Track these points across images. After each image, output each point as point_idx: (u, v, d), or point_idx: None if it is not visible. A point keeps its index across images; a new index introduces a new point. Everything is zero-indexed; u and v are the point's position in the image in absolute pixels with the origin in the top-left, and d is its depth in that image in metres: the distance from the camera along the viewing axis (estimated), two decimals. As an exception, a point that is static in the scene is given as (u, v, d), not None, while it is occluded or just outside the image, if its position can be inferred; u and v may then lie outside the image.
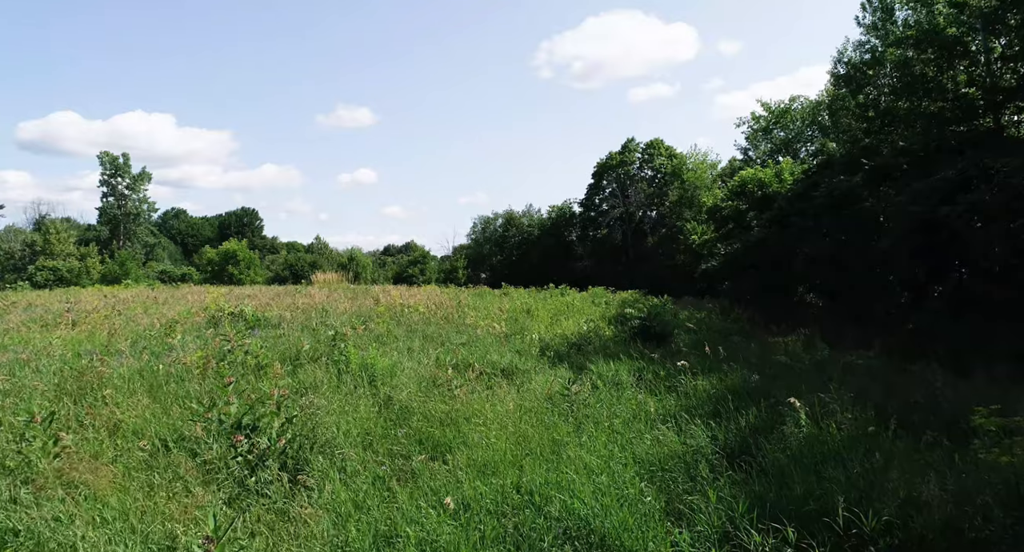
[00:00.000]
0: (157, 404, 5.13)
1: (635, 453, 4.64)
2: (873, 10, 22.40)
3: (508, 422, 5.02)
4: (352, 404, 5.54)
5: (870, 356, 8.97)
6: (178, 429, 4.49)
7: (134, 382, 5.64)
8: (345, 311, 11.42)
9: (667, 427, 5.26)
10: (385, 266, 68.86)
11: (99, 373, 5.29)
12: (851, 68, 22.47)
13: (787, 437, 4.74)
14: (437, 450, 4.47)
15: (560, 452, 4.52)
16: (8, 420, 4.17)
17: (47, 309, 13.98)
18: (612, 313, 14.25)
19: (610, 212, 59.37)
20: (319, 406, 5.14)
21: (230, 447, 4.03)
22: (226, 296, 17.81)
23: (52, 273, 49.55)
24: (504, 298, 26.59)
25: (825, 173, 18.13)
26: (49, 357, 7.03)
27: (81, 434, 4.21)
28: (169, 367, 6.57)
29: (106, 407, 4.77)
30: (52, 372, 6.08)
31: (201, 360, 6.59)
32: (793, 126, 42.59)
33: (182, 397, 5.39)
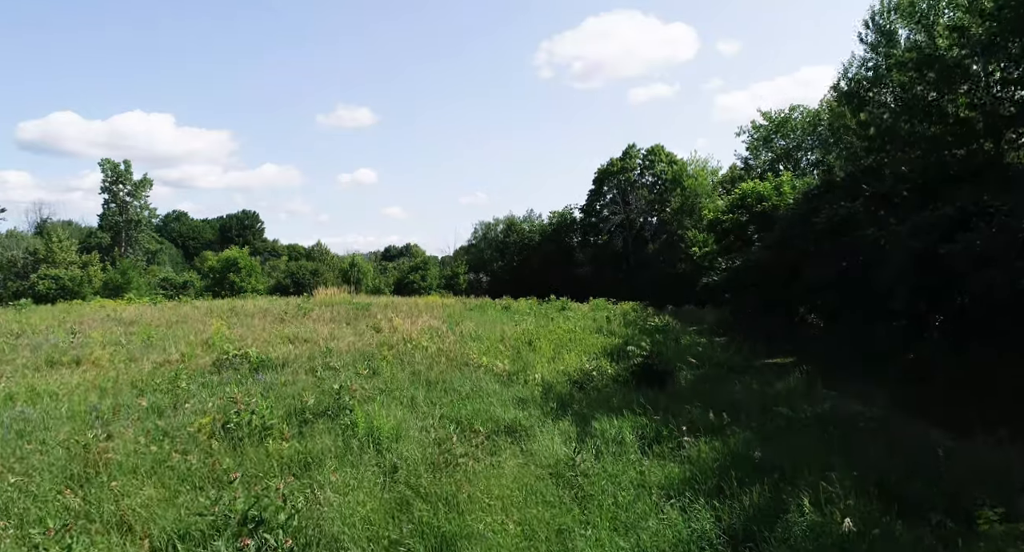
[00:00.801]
0: (164, 488, 5.17)
1: (640, 541, 4.68)
2: (876, 30, 22.40)
3: (513, 506, 5.06)
4: (357, 478, 5.58)
5: (871, 410, 8.99)
6: (184, 523, 4.54)
7: (140, 460, 5.68)
8: (348, 348, 11.45)
9: (671, 505, 5.30)
10: (386, 272, 68.93)
11: (106, 459, 5.33)
12: (853, 84, 22.48)
13: (791, 526, 4.78)
14: (441, 544, 4.50)
15: (565, 543, 4.56)
16: (23, 532, 4.21)
17: (52, 341, 14.01)
18: (615, 343, 14.28)
19: (611, 219, 59.46)
20: (324, 488, 5.17)
21: (237, 551, 4.08)
22: (227, 323, 17.84)
23: (54, 282, 49.61)
24: (506, 314, 26.62)
25: (825, 197, 18.17)
26: (55, 419, 7.07)
27: (89, 538, 4.25)
28: (176, 433, 6.62)
29: (113, 500, 4.82)
30: (58, 443, 6.12)
31: (208, 425, 6.64)
32: (793, 135, 42.60)
33: (188, 478, 5.44)
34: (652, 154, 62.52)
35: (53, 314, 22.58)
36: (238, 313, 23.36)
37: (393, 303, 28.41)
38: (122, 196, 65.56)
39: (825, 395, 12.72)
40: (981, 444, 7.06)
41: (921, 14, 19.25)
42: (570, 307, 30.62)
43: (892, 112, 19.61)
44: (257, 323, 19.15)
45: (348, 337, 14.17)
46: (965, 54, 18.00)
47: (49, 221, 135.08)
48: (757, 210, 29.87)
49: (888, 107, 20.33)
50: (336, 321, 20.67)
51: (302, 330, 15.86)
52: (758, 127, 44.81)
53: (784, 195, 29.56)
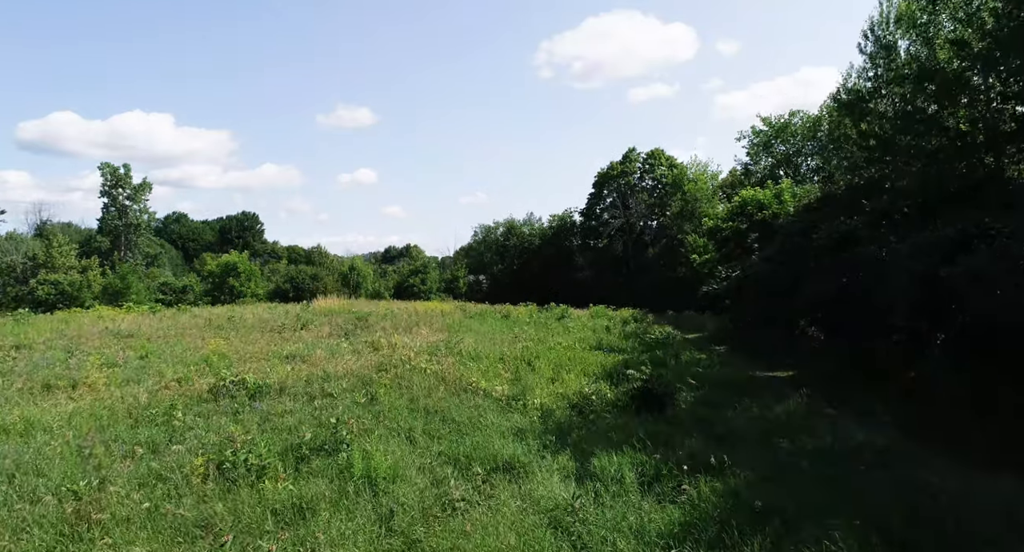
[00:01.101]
0: (157, 543, 5.10)
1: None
2: (875, 41, 22.32)
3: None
4: (352, 528, 5.52)
5: (874, 437, 8.91)
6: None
7: (133, 510, 5.60)
8: (346, 371, 11.38)
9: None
10: (386, 276, 68.84)
11: (98, 516, 5.26)
12: (852, 95, 22.42)
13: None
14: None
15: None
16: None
17: (48, 360, 13.95)
18: (615, 361, 14.21)
19: (611, 223, 59.43)
20: (318, 541, 5.11)
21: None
22: (225, 337, 17.79)
23: (54, 287, 49.61)
24: (505, 324, 26.55)
25: (825, 211, 18.10)
26: (47, 460, 6.99)
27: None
28: (170, 476, 6.55)
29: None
30: (50, 490, 6.05)
31: (202, 466, 6.58)
32: (794, 141, 42.53)
33: (182, 528, 5.37)
34: (652, 158, 62.51)
35: (51, 325, 22.52)
36: (236, 324, 23.29)
37: (392, 312, 28.33)
38: (121, 200, 65.50)
39: (825, 415, 12.69)
40: (987, 475, 7.00)
41: (921, 27, 19.17)
42: (569, 315, 30.55)
43: (892, 124, 19.55)
44: (255, 338, 19.08)
45: (346, 356, 14.09)
46: (966, 67, 17.95)
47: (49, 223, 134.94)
48: (757, 218, 29.80)
49: (888, 118, 20.27)
50: (335, 334, 20.60)
51: (300, 348, 15.79)
52: (758, 133, 44.76)
53: (784, 203, 29.50)
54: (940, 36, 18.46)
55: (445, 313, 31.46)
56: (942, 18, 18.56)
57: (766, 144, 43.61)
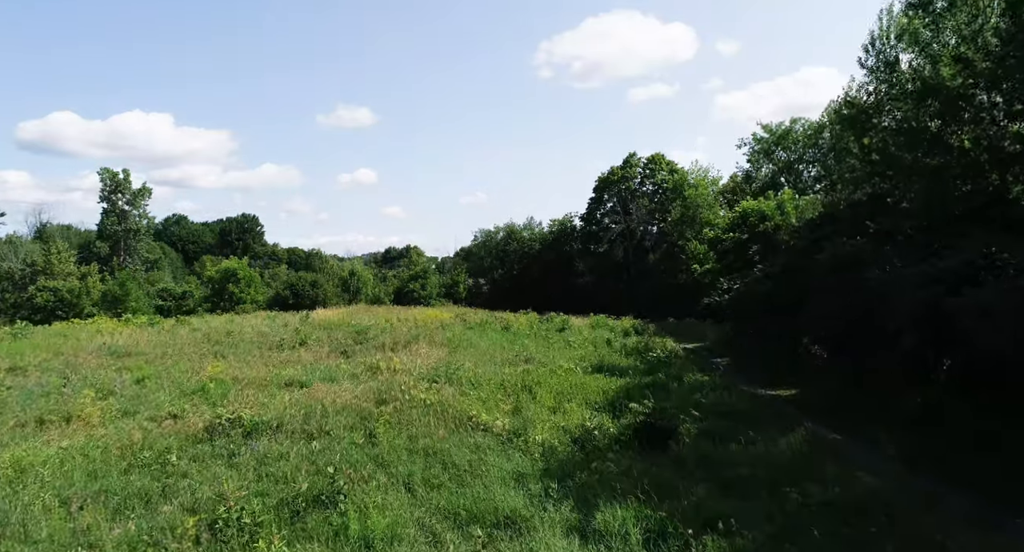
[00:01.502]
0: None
1: None
2: (876, 55, 22.14)
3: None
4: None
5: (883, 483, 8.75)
6: None
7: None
8: (344, 406, 11.21)
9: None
10: (386, 280, 68.65)
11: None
12: (855, 109, 22.23)
13: None
14: None
15: None
16: None
17: (44, 385, 13.80)
18: (617, 387, 14.04)
19: (612, 228, 59.26)
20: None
21: None
22: (223, 355, 17.64)
23: (53, 294, 49.48)
24: (505, 337, 26.36)
25: (828, 229, 17.94)
26: (34, 519, 6.81)
27: None
28: (160, 537, 6.38)
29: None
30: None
31: (194, 528, 6.41)
32: (795, 148, 42.37)
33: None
34: (653, 163, 62.38)
35: (48, 343, 22.35)
36: (235, 340, 23.13)
37: (391, 325, 28.15)
38: (121, 205, 65.34)
39: (830, 446, 12.52)
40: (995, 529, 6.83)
41: (925, 42, 18.99)
42: (570, 326, 30.37)
43: (895, 140, 19.37)
44: (254, 357, 18.93)
45: (344, 383, 13.94)
46: (970, 84, 17.78)
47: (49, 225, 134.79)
48: (759, 230, 29.64)
49: (891, 133, 20.08)
50: (334, 353, 20.45)
51: (299, 372, 15.64)
52: (759, 139, 44.63)
53: (787, 214, 29.34)
54: (944, 53, 18.26)
55: (445, 324, 31.26)
56: (946, 34, 18.39)
57: (767, 151, 43.47)
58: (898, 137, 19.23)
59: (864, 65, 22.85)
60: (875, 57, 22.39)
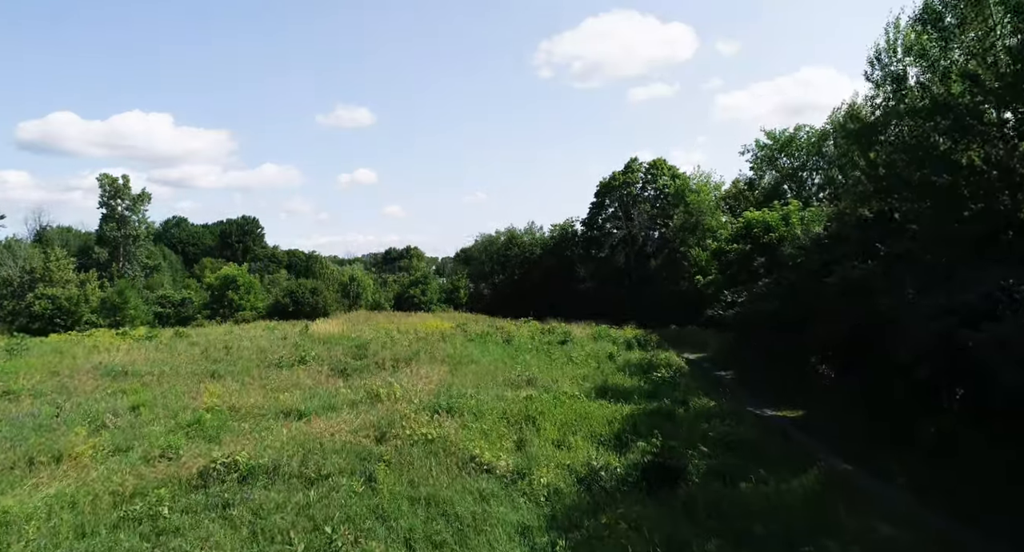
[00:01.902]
0: None
1: None
2: (882, 69, 21.79)
3: None
4: None
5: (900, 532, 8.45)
6: None
7: None
8: (343, 445, 10.89)
9: None
10: (386, 286, 68.38)
11: None
12: (860, 124, 21.91)
13: None
14: None
15: None
16: None
17: (36, 416, 13.50)
18: (624, 415, 13.74)
19: (613, 234, 58.92)
20: None
21: None
22: (220, 375, 17.36)
23: (51, 302, 49.20)
24: (507, 351, 26.07)
25: (836, 249, 17.62)
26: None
27: None
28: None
29: None
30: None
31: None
32: (799, 155, 42.02)
33: None
34: (655, 168, 62.07)
35: (44, 362, 22.06)
36: (233, 357, 22.86)
37: (392, 338, 27.86)
38: (120, 211, 65.02)
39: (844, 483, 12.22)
40: None
41: (933, 58, 18.65)
42: (572, 339, 30.05)
43: (902, 157, 19.02)
44: (252, 378, 18.65)
45: (344, 412, 13.66)
46: (979, 102, 17.44)
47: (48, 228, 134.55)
48: (764, 241, 29.32)
49: (898, 148, 19.73)
50: (333, 373, 20.17)
51: (297, 399, 15.34)
52: (763, 146, 44.27)
53: (792, 225, 29.03)
54: (954, 70, 17.91)
55: (446, 335, 30.97)
56: (955, 51, 18.04)
57: (770, 158, 43.12)
58: (905, 153, 18.90)
59: (870, 78, 22.51)
60: (881, 71, 22.06)
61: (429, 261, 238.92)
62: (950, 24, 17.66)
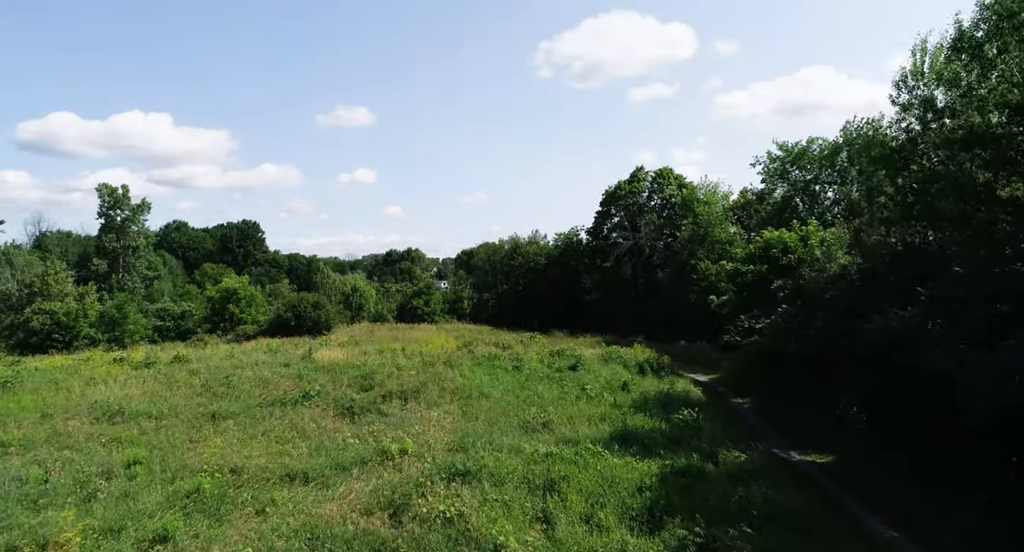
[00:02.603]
0: None
1: None
2: (910, 92, 20.91)
3: None
4: None
5: None
6: None
7: None
8: (355, 534, 9.97)
9: None
10: (389, 295, 67.52)
11: None
12: (887, 149, 21.02)
13: None
14: None
15: None
16: None
17: (20, 481, 12.62)
18: (652, 477, 12.86)
19: (619, 244, 58.05)
20: None
21: None
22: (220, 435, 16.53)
23: (49, 317, 48.51)
24: (516, 379, 25.20)
25: (871, 289, 16.72)
26: None
27: None
28: None
29: None
30: None
31: None
32: (811, 167, 41.14)
33: None
34: (661, 177, 61.26)
35: (39, 397, 21.22)
36: (235, 392, 22.03)
37: (398, 365, 26.95)
38: (119, 221, 64.21)
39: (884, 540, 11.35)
40: None
41: (968, 86, 17.77)
42: (582, 363, 29.11)
43: (935, 187, 18.09)
44: (254, 423, 17.81)
45: (354, 478, 12.78)
46: (1021, 131, 16.57)
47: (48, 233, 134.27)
48: (783, 263, 28.47)
49: (929, 177, 18.81)
50: (339, 411, 19.37)
51: (301, 456, 14.46)
52: (774, 158, 43.42)
53: (811, 247, 28.18)
54: (991, 98, 16.98)
55: (452, 359, 30.19)
56: (992, 79, 17.14)
57: (782, 172, 42.27)
58: (938, 183, 18.00)
59: (896, 102, 21.66)
60: (908, 94, 21.22)
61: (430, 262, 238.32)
62: (991, 53, 16.75)
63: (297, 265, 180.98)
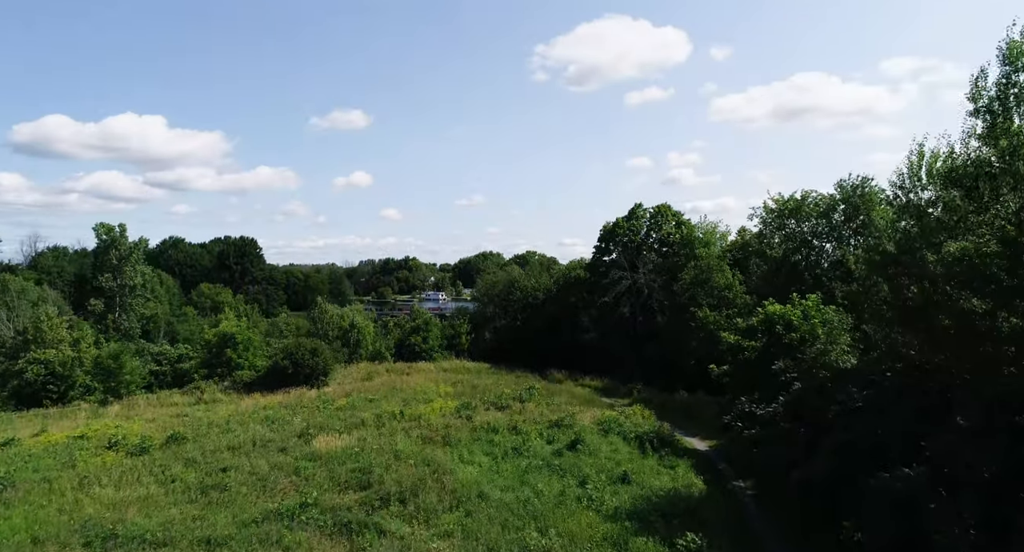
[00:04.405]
0: None
1: None
2: (904, 194, 20.78)
3: None
4: None
5: None
6: None
7: None
8: None
9: None
10: (388, 333, 67.27)
11: None
12: (885, 256, 20.72)
13: None
14: None
15: None
16: None
17: None
18: None
19: (617, 283, 57.82)
20: None
21: None
22: None
23: (44, 367, 48.19)
24: (516, 470, 25.07)
25: (874, 420, 16.52)
26: None
27: None
28: None
29: None
30: None
31: None
32: (808, 223, 41.19)
33: None
34: (659, 215, 61.24)
35: (27, 510, 21.01)
36: (231, 493, 21.95)
37: (396, 452, 26.77)
38: (114, 261, 63.91)
39: None
40: None
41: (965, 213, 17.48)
42: (582, 438, 28.98)
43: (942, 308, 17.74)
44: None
45: None
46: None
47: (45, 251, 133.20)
48: (785, 341, 28.38)
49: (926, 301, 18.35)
50: (336, 530, 19.30)
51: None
52: (770, 210, 43.48)
53: (813, 325, 28.12)
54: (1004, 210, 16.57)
55: (451, 435, 30.16)
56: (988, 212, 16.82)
57: (779, 226, 42.33)
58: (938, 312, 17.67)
59: (892, 203, 21.57)
60: (904, 197, 21.12)
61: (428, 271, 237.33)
62: (984, 190, 16.42)
63: (294, 281, 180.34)
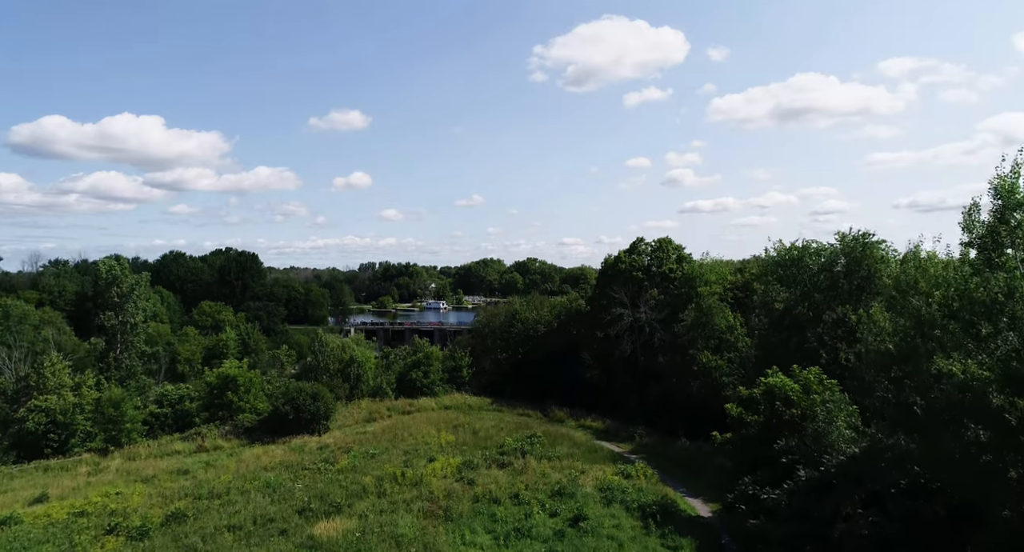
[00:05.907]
0: None
1: None
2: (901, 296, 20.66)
3: None
4: None
5: None
6: None
7: None
8: None
9: None
10: (389, 366, 67.17)
11: None
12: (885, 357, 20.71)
13: None
14: None
15: None
16: None
17: None
18: None
19: (619, 320, 57.68)
20: None
21: None
22: None
23: (45, 415, 48.15)
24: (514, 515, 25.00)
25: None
26: None
27: None
28: None
29: None
30: None
31: None
32: (809, 273, 41.10)
33: None
34: (660, 249, 61.17)
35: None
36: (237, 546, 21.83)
37: (396, 539, 26.67)
38: (115, 299, 63.92)
39: None
40: None
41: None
42: (585, 511, 28.90)
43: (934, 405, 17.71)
44: None
45: None
46: None
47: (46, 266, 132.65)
48: (786, 418, 28.31)
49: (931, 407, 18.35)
50: None
51: None
52: (771, 258, 43.39)
53: (814, 401, 28.04)
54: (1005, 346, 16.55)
55: (452, 508, 30.15)
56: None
57: (780, 278, 42.26)
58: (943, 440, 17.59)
59: (891, 298, 21.39)
60: (901, 298, 20.98)
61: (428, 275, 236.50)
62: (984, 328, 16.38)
63: (295, 296, 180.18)
